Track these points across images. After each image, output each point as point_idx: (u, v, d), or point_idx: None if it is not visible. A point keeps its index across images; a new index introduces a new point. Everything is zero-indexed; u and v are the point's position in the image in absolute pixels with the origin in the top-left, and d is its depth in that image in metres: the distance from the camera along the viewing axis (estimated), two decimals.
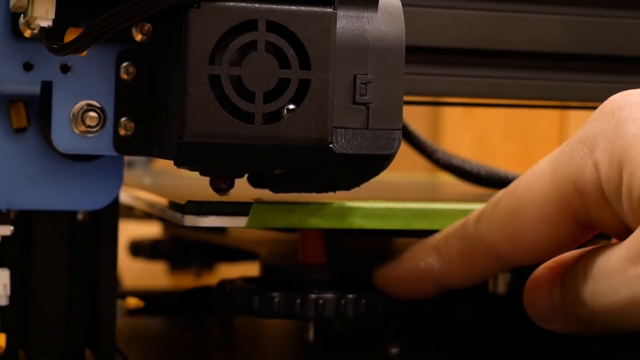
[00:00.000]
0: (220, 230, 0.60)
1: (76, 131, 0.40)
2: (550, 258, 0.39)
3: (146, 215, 0.59)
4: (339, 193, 0.41)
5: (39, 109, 0.41)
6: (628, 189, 0.34)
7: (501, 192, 0.39)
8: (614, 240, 0.38)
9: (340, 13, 0.38)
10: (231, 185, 0.41)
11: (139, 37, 0.40)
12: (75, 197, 0.43)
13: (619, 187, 0.34)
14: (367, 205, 0.42)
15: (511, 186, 0.38)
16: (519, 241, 0.38)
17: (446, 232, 0.41)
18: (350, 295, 0.43)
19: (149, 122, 0.41)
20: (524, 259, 0.39)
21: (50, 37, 0.38)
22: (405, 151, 0.47)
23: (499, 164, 0.59)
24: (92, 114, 0.40)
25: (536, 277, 0.40)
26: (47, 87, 0.40)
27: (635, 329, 0.34)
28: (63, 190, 0.42)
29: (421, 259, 0.41)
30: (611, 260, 0.35)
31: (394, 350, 0.46)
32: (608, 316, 0.35)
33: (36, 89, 0.40)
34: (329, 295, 0.43)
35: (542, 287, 0.39)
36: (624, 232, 0.35)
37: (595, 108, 0.53)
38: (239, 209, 0.41)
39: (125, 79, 0.41)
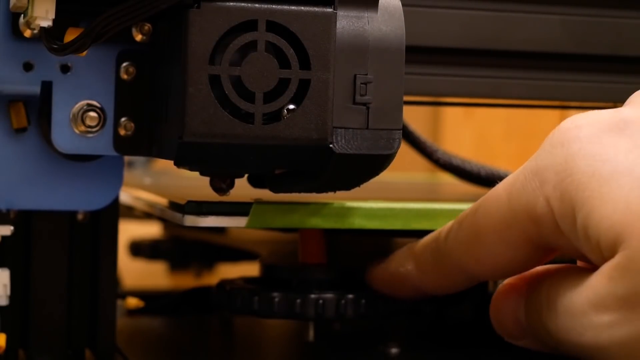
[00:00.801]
0: (220, 230, 0.60)
1: (76, 131, 0.40)
2: (516, 275, 0.39)
3: (146, 215, 0.59)
4: (339, 193, 0.41)
5: (39, 109, 0.41)
6: (584, 231, 0.33)
7: (466, 211, 0.39)
8: (579, 263, 0.37)
9: (340, 13, 0.38)
10: (231, 185, 0.41)
11: (139, 37, 0.40)
12: (75, 197, 0.43)
13: (574, 224, 0.34)
14: (367, 205, 0.42)
15: (473, 207, 0.38)
16: (483, 261, 0.38)
17: (424, 241, 0.42)
18: (350, 295, 0.43)
19: (149, 122, 0.41)
20: (491, 277, 0.40)
21: (50, 37, 0.38)
22: (405, 151, 0.47)
23: (499, 164, 0.59)
24: (92, 114, 0.40)
25: (501, 293, 0.40)
26: (47, 87, 0.40)
27: None
28: (63, 190, 0.42)
29: (402, 265, 0.42)
30: (574, 301, 0.34)
31: (394, 350, 0.46)
32: (574, 350, 0.34)
33: (36, 89, 0.40)
34: (329, 295, 0.43)
35: (506, 304, 0.39)
36: (585, 257, 0.35)
37: (595, 108, 0.53)
38: (239, 209, 0.41)
39: (125, 79, 0.41)
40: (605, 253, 0.33)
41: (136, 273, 0.76)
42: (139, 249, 0.72)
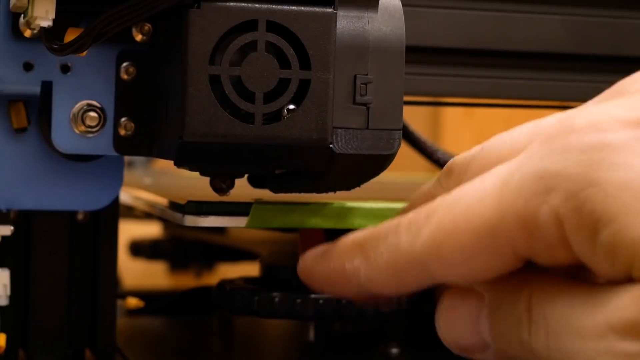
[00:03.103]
0: (221, 230, 0.60)
1: (76, 131, 0.40)
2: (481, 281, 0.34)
3: (146, 215, 0.59)
4: (339, 193, 0.41)
5: (39, 109, 0.41)
6: (609, 247, 0.29)
7: (437, 202, 0.33)
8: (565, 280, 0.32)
9: (341, 13, 0.38)
10: (231, 185, 0.41)
11: (139, 37, 0.40)
12: (75, 197, 0.43)
13: (593, 238, 0.29)
14: (367, 205, 0.42)
15: (449, 199, 0.33)
16: (450, 262, 0.33)
17: (377, 233, 0.35)
18: None
19: (149, 122, 0.41)
20: (455, 279, 0.34)
21: (50, 37, 0.37)
22: (405, 151, 0.47)
23: None
24: (92, 114, 0.40)
25: (451, 299, 0.34)
26: (47, 87, 0.40)
27: None
28: (63, 190, 0.42)
29: (348, 259, 0.36)
30: (583, 320, 0.30)
31: (394, 350, 0.46)
32: None
33: (36, 89, 0.40)
34: (329, 296, 0.43)
35: (460, 312, 0.34)
36: (574, 271, 0.31)
37: None
38: (239, 209, 0.41)
39: (126, 79, 0.41)
40: (637, 274, 0.29)
41: (136, 273, 0.76)
42: (139, 249, 0.72)
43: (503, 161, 0.32)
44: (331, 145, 0.38)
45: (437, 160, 0.55)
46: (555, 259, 0.31)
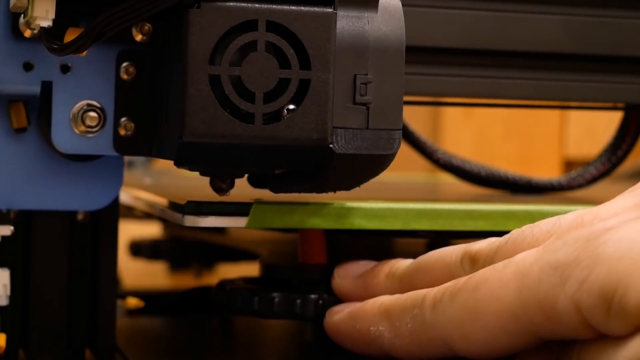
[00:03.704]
0: (220, 230, 0.60)
1: (76, 131, 0.40)
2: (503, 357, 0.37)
3: (146, 215, 0.59)
4: (339, 193, 0.41)
5: (39, 109, 0.41)
6: (621, 313, 0.32)
7: (461, 283, 0.36)
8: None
9: (340, 13, 0.38)
10: (231, 185, 0.41)
11: (139, 37, 0.40)
12: (75, 197, 0.43)
13: (608, 311, 0.32)
14: (367, 205, 0.42)
15: (472, 282, 0.36)
16: (473, 341, 0.36)
17: (403, 302, 0.39)
18: None
19: (149, 122, 0.41)
20: (477, 356, 0.36)
21: (50, 37, 0.37)
22: (405, 151, 0.47)
23: (499, 164, 0.59)
24: (92, 114, 0.40)
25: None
26: (47, 87, 0.40)
27: None
28: (63, 190, 0.42)
29: (373, 324, 0.39)
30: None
31: None
32: None
33: (36, 89, 0.40)
34: (329, 296, 0.43)
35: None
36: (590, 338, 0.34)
37: (594, 108, 0.53)
38: (239, 209, 0.41)
39: (125, 79, 0.41)
40: None
41: (136, 273, 0.76)
42: (139, 249, 0.72)
43: None
44: (331, 145, 0.38)
45: (437, 160, 0.55)
46: (573, 336, 0.34)
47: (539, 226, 0.38)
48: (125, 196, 0.54)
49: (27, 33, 0.39)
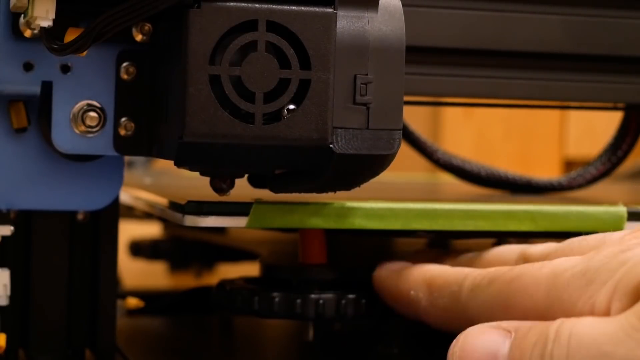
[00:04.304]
0: (221, 230, 0.60)
1: (76, 131, 0.40)
2: None
3: (146, 215, 0.59)
4: (339, 193, 0.41)
5: (39, 109, 0.41)
6: (623, 296, 0.34)
7: (501, 273, 0.39)
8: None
9: (341, 13, 0.38)
10: (231, 185, 0.41)
11: (139, 37, 0.40)
12: (75, 197, 0.43)
13: (610, 298, 0.35)
14: (367, 205, 0.42)
15: (510, 275, 0.38)
16: None
17: (446, 275, 0.41)
18: (350, 295, 0.43)
19: (149, 122, 0.41)
20: None
21: (50, 37, 0.37)
22: (405, 151, 0.47)
23: (499, 164, 0.59)
24: (92, 114, 0.40)
25: (477, 330, 0.38)
26: (47, 87, 0.40)
27: None
28: (63, 190, 0.42)
29: (414, 288, 0.42)
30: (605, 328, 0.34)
31: (394, 351, 0.46)
32: None
33: (36, 89, 0.40)
34: (329, 296, 0.43)
35: (484, 343, 0.37)
36: None
37: (594, 108, 0.53)
38: (239, 209, 0.41)
39: (126, 79, 0.41)
40: None
41: (136, 273, 0.76)
42: (139, 249, 0.72)
43: None
44: (331, 145, 0.38)
45: (437, 160, 0.55)
46: None
47: (587, 240, 0.40)
48: (125, 196, 0.54)
49: (27, 33, 0.39)
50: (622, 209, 0.44)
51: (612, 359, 0.33)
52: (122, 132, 0.41)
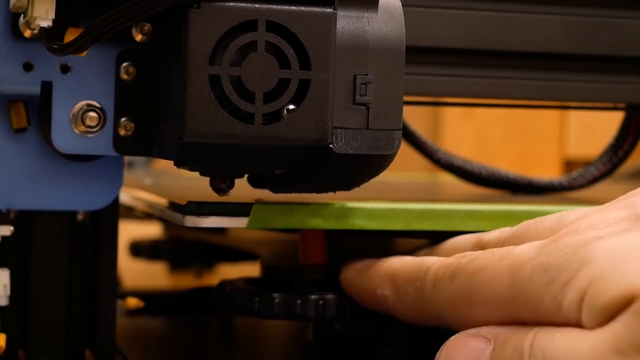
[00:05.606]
0: (221, 230, 0.60)
1: (76, 131, 0.40)
2: None
3: (146, 215, 0.59)
4: (340, 193, 0.41)
5: (39, 109, 0.41)
6: (590, 306, 0.34)
7: (462, 265, 0.38)
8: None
9: (340, 13, 0.38)
10: (231, 185, 0.41)
11: (139, 37, 0.40)
12: (75, 197, 0.43)
13: (579, 310, 0.34)
14: (367, 205, 0.42)
15: (471, 267, 0.38)
16: (466, 322, 0.38)
17: (408, 270, 0.41)
18: None
19: (149, 122, 0.41)
20: (467, 329, 0.38)
21: (50, 37, 0.37)
22: (405, 151, 0.47)
23: (499, 164, 0.59)
24: (92, 114, 0.40)
25: (459, 340, 0.38)
26: (47, 87, 0.40)
27: None
28: (63, 190, 0.42)
29: (379, 287, 0.42)
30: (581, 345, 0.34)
31: (394, 351, 0.46)
32: None
33: (36, 89, 0.40)
34: (329, 296, 0.43)
35: (466, 353, 0.37)
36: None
37: (595, 108, 0.53)
38: (239, 209, 0.41)
39: (125, 79, 0.41)
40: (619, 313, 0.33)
41: (136, 273, 0.76)
42: (139, 249, 0.73)
43: None
44: (331, 145, 0.38)
45: (437, 160, 0.55)
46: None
47: (542, 222, 0.40)
48: (125, 196, 0.54)
49: (27, 33, 0.39)
50: None
51: None
52: (122, 132, 0.41)
